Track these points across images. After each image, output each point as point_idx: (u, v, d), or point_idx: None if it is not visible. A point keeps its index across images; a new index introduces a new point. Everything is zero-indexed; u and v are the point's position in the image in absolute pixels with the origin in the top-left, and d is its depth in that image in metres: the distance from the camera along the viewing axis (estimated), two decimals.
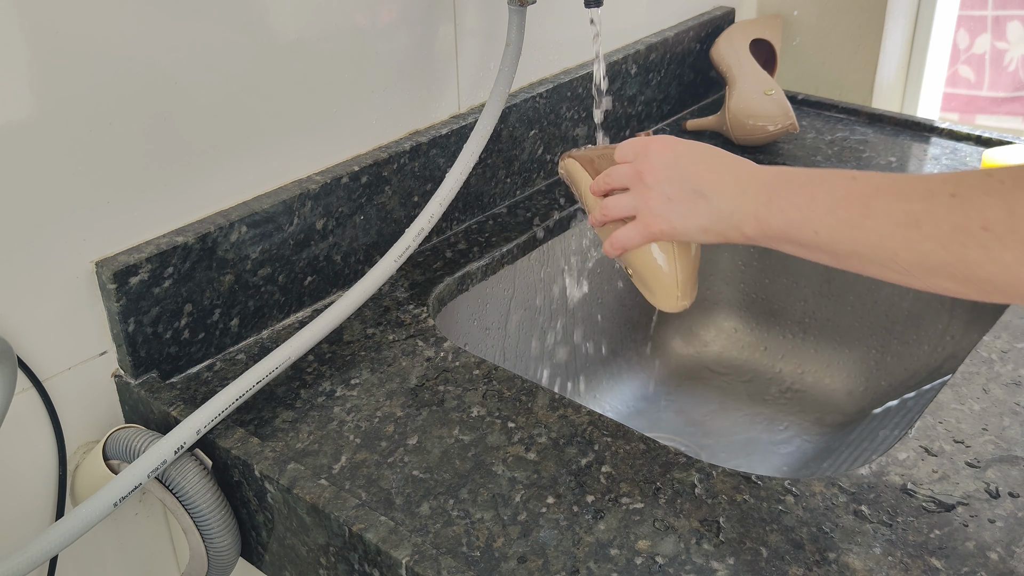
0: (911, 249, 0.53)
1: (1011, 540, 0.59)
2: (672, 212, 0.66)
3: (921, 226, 0.53)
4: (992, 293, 0.52)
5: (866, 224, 0.55)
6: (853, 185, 0.57)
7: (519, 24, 0.85)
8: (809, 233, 0.59)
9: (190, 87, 0.71)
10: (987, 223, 0.50)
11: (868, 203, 0.55)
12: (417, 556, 0.58)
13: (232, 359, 0.78)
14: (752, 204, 0.62)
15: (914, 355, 1.05)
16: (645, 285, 0.73)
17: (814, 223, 0.58)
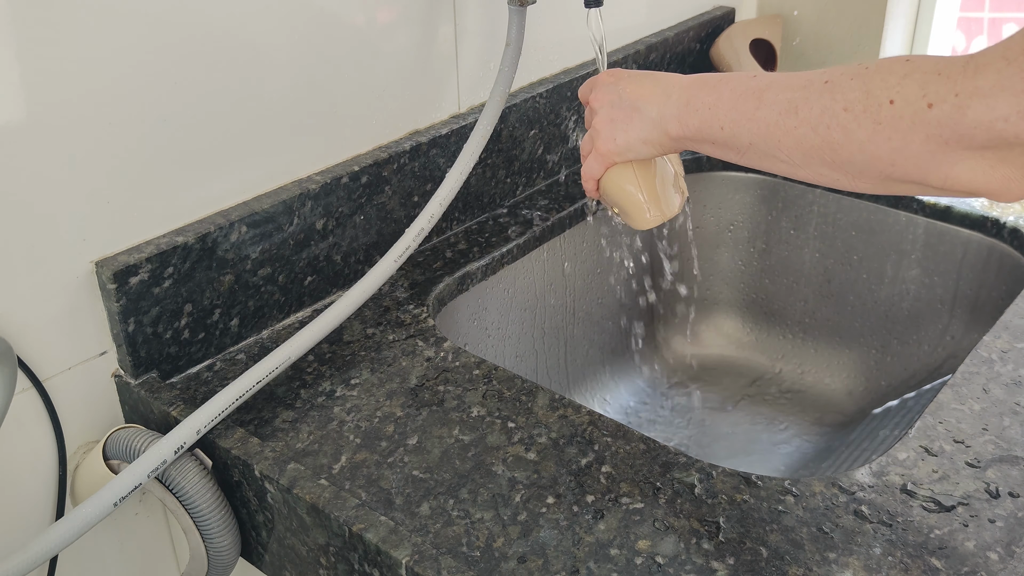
0: (789, 135, 0.57)
1: (1011, 540, 0.59)
2: (616, 130, 0.70)
3: (798, 112, 0.56)
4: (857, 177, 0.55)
5: (757, 116, 0.59)
6: (752, 81, 0.60)
7: (519, 24, 0.85)
8: (716, 129, 0.62)
9: (190, 87, 0.71)
10: (848, 104, 0.53)
11: (761, 95, 0.59)
12: (417, 556, 0.58)
13: (232, 359, 0.78)
14: (675, 107, 0.65)
15: (914, 355, 1.05)
16: (624, 212, 0.76)
17: (720, 119, 0.62)
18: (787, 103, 0.57)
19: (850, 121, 0.53)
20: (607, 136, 0.71)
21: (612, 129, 0.70)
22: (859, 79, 0.53)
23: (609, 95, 0.70)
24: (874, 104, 0.52)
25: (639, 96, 0.68)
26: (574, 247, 1.04)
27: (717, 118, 0.62)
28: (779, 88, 0.58)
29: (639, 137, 0.69)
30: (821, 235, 1.11)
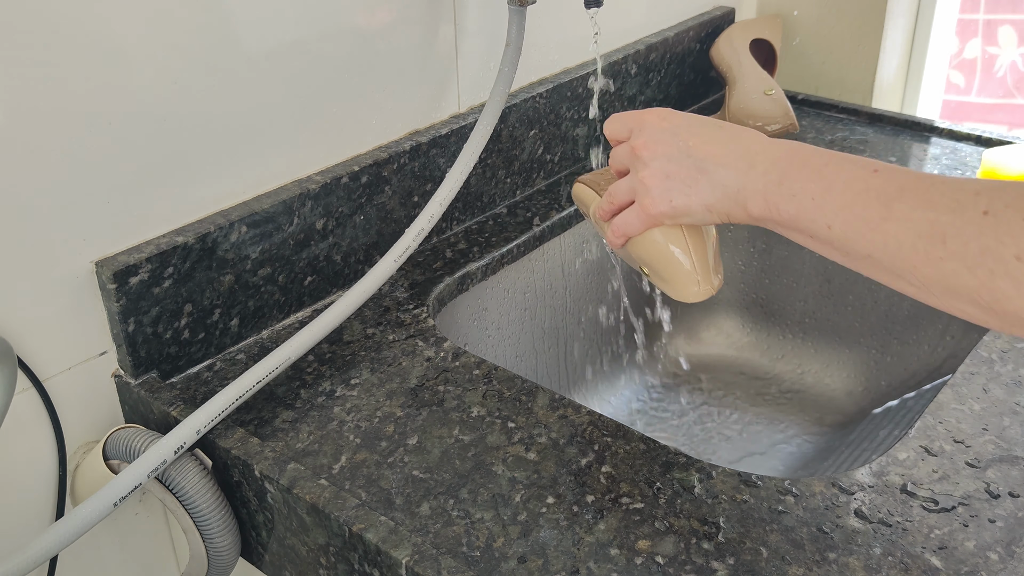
0: (932, 265, 0.48)
1: (1011, 540, 0.59)
2: (672, 190, 0.60)
3: (946, 242, 0.47)
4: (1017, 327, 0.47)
5: (885, 228, 0.50)
6: (874, 180, 0.51)
7: (519, 24, 0.85)
8: (822, 227, 0.53)
9: (190, 87, 0.71)
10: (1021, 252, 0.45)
11: (890, 204, 0.50)
12: (417, 556, 0.58)
13: (232, 359, 0.78)
14: (761, 181, 0.56)
15: (914, 355, 1.05)
16: (660, 277, 0.67)
17: (828, 216, 0.53)
18: (929, 226, 0.48)
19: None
20: (660, 195, 0.60)
21: (667, 188, 0.60)
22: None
23: (665, 145, 0.60)
24: None
25: (708, 155, 0.58)
26: (574, 247, 1.04)
27: (824, 214, 0.53)
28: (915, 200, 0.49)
29: (703, 203, 0.59)
30: None
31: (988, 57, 1.96)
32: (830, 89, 1.35)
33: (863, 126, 1.19)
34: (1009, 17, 1.93)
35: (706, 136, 0.59)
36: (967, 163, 1.08)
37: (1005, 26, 1.93)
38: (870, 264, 0.52)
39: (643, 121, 0.62)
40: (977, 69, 1.97)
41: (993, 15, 1.92)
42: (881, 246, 0.50)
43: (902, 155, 1.11)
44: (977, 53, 1.95)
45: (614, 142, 0.66)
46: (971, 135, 1.14)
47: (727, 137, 0.58)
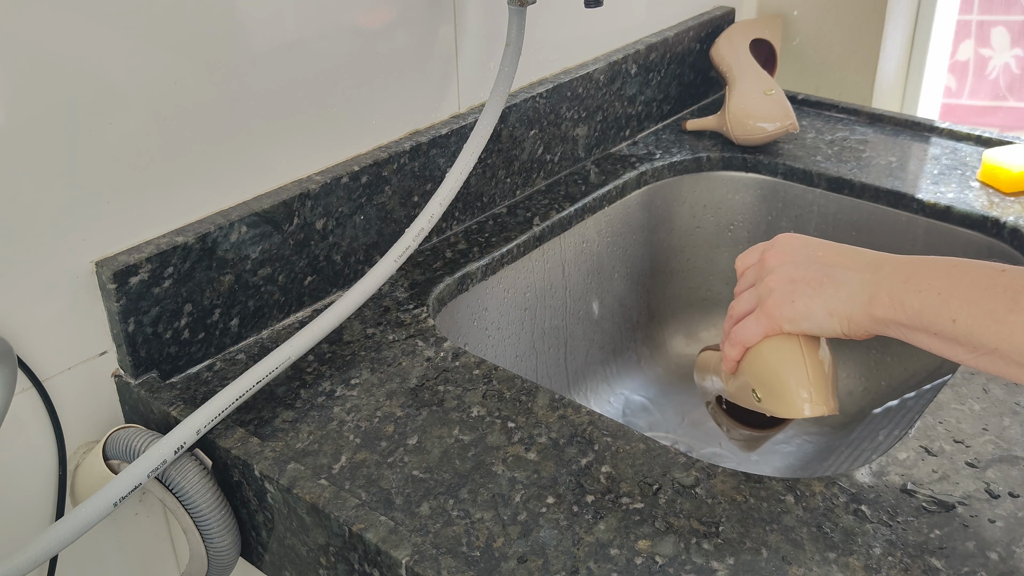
0: None
1: (1011, 540, 0.59)
2: (796, 293, 0.60)
3: None
4: None
5: (1012, 319, 0.50)
6: (1001, 277, 0.52)
7: (519, 24, 0.85)
8: (947, 321, 0.53)
9: (189, 87, 0.71)
10: None
11: (1017, 298, 0.50)
12: (417, 556, 0.58)
13: (232, 359, 0.78)
14: (887, 281, 0.57)
15: (914, 355, 1.05)
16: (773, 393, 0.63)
17: (953, 310, 0.53)
18: None
19: None
20: (784, 298, 0.60)
21: (791, 290, 0.60)
22: None
23: (793, 254, 0.61)
24: None
25: (835, 263, 0.59)
26: (574, 247, 1.04)
27: (949, 308, 0.53)
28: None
29: (826, 308, 0.59)
30: (821, 235, 1.11)
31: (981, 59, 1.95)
32: (830, 89, 1.35)
33: (863, 126, 1.19)
34: (1003, 18, 1.92)
35: (836, 248, 0.61)
36: (967, 163, 1.08)
37: (999, 27, 1.91)
38: (997, 358, 0.52)
39: (775, 239, 0.64)
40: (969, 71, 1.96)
41: (987, 16, 1.91)
42: (1009, 339, 0.51)
43: (902, 155, 1.11)
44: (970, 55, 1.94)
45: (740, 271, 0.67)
46: (971, 135, 1.14)
47: (853, 251, 0.60)
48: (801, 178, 1.10)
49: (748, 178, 1.14)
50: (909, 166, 1.09)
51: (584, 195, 1.04)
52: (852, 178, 1.06)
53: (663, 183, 1.13)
